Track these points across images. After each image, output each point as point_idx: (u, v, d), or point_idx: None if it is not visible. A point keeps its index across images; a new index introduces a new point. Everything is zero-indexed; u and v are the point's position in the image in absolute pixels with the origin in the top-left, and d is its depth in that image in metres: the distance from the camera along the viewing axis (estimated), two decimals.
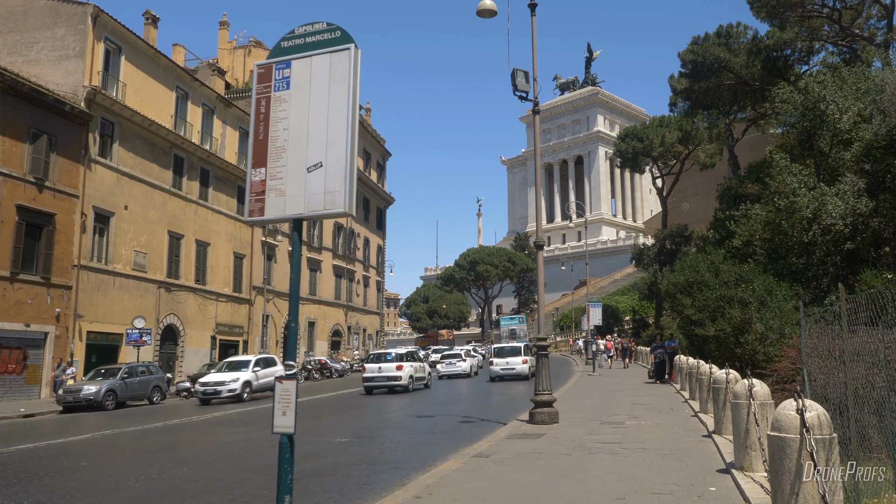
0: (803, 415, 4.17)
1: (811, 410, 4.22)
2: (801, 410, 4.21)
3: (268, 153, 3.76)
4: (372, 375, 24.43)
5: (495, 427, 12.08)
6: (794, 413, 4.25)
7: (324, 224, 50.57)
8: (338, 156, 3.57)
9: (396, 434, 12.11)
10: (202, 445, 12.16)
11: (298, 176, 3.66)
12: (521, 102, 11.76)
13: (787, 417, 4.30)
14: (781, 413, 4.37)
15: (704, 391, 11.89)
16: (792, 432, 4.22)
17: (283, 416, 3.45)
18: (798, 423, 4.19)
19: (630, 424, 11.30)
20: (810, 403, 4.27)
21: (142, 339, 27.56)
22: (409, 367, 24.83)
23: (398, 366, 24.38)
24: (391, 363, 24.63)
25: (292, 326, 3.71)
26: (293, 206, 3.65)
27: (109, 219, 30.05)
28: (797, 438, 4.17)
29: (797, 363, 10.60)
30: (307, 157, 3.65)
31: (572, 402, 15.88)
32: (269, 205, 3.71)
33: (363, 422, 14.42)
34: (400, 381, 24.07)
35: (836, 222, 18.95)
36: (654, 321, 48.47)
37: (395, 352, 26.23)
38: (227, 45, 52.58)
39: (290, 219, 3.68)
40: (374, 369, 24.52)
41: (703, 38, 36.64)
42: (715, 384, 9.38)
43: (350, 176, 3.55)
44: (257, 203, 3.74)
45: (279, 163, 3.72)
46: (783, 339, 17.92)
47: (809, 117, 21.84)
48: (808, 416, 4.17)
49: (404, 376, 24.26)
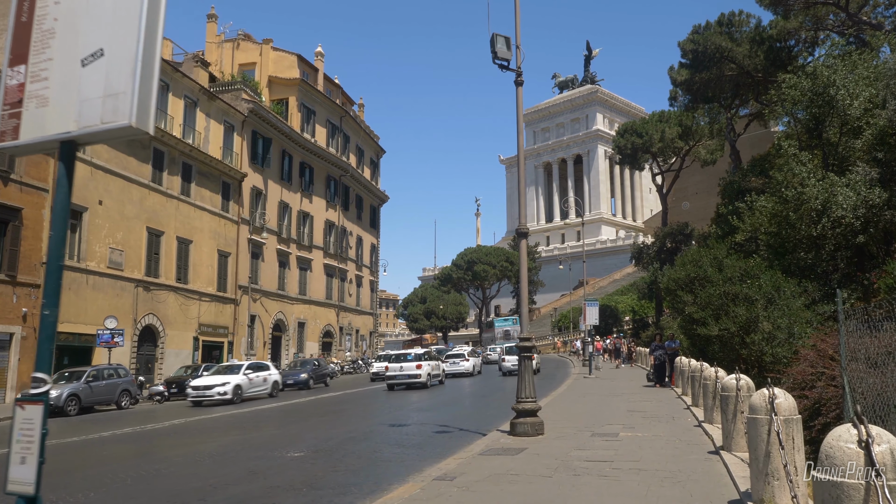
0: (870, 449, 2.77)
1: (881, 443, 2.81)
2: (865, 442, 2.80)
3: (31, 42, 2.39)
4: (395, 374, 26.80)
5: (473, 439, 10.68)
6: (855, 447, 2.84)
7: (314, 222, 49.20)
8: (127, 38, 2.17)
9: (360, 447, 10.70)
10: (159, 459, 10.74)
11: (69, 73, 2.27)
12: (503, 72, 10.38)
13: (845, 452, 2.89)
14: (835, 445, 2.97)
15: (710, 398, 10.48)
16: (853, 475, 2.81)
17: (21, 464, 2.07)
18: (861, 461, 2.79)
19: (625, 437, 9.89)
20: (879, 433, 2.86)
21: (113, 340, 26.15)
22: (426, 366, 27.17)
23: (418, 365, 26.93)
24: (412, 363, 27.17)
25: (45, 315, 2.30)
26: (58, 122, 2.25)
27: (82, 214, 28.63)
28: (861, 486, 2.76)
29: (816, 366, 9.19)
30: (83, 44, 2.27)
31: (563, 409, 14.48)
32: (27, 121, 2.33)
33: (331, 431, 13.00)
34: (419, 379, 26.53)
35: (847, 214, 17.61)
36: (654, 321, 47.07)
37: (413, 352, 29.07)
38: (214, 38, 51.17)
39: (54, 141, 2.29)
40: (396, 368, 26.98)
41: (704, 27, 35.23)
42: (723, 392, 7.97)
43: (146, 70, 2.16)
44: (11, 121, 2.35)
45: (44, 55, 2.34)
46: (791, 340, 16.57)
47: (818, 104, 20.52)
48: (879, 452, 2.77)
49: (423, 374, 26.68)
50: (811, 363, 9.44)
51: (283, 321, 44.87)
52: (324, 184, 50.97)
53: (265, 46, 49.95)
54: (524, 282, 10.77)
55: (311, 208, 49.05)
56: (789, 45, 33.73)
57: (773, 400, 5.41)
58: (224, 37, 51.14)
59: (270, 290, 43.34)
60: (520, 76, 11.02)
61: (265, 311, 42.73)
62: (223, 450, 10.92)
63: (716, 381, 10.12)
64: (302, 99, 48.73)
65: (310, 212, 48.77)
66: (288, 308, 45.54)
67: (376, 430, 12.82)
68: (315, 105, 50.31)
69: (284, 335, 45.20)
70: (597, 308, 28.17)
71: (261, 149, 43.07)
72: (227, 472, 8.75)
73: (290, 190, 46.33)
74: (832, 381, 8.74)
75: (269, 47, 49.94)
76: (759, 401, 5.52)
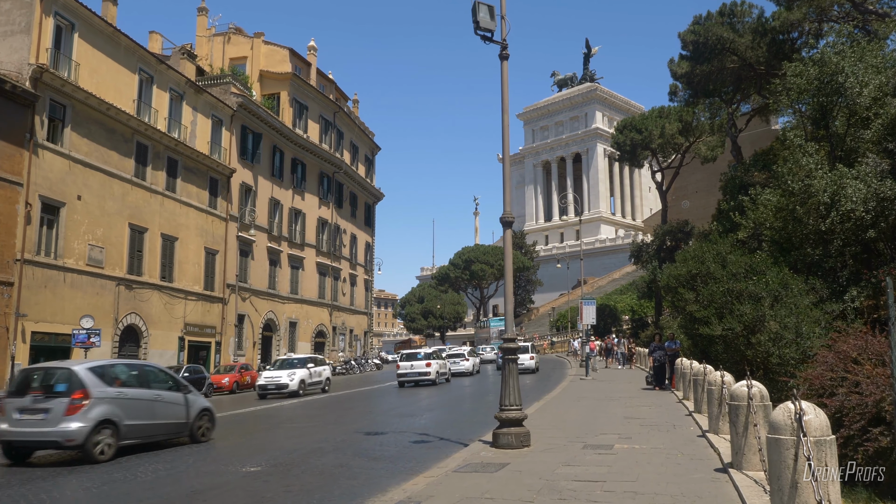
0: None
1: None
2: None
3: None
4: (406, 372, 28.41)
5: (452, 450, 9.62)
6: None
7: (306, 219, 48.14)
8: None
9: (325, 459, 9.64)
10: None
11: None
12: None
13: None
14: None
15: (715, 406, 9.42)
16: None
17: None
18: None
19: (620, 449, 8.83)
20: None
21: (89, 341, 25.07)
22: (435, 364, 28.72)
23: (427, 363, 28.50)
24: (421, 361, 28.74)
25: None
26: None
27: (59, 209, 27.55)
28: None
29: (836, 370, 8.13)
30: None
31: (555, 415, 13.42)
32: None
33: (299, 441, 11.90)
34: (429, 376, 28.14)
35: (857, 208, 16.60)
36: (654, 320, 46.03)
37: (423, 351, 30.73)
38: (205, 31, 50.08)
39: None
40: (407, 366, 28.61)
41: (706, 18, 34.16)
42: (733, 401, 6.89)
43: None
44: None
45: None
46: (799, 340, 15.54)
47: (825, 92, 19.53)
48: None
49: (432, 372, 28.23)
50: (830, 366, 8.39)
51: (273, 321, 43.80)
52: (316, 180, 49.90)
53: (256, 40, 48.87)
54: (509, 277, 9.70)
55: (304, 205, 47.97)
56: (792, 38, 32.82)
57: (800, 416, 4.34)
58: (215, 30, 50.07)
59: (260, 289, 42.27)
60: (505, 49, 9.96)
61: (255, 311, 41.65)
62: (172, 465, 9.86)
63: (722, 386, 9.07)
64: (294, 94, 47.65)
65: (302, 209, 47.69)
66: (279, 307, 44.46)
67: (350, 439, 11.74)
68: (307, 100, 49.23)
69: (275, 335, 44.13)
70: (594, 307, 27.13)
71: (250, 144, 41.99)
72: (167, 493, 7.69)
73: (282, 186, 45.26)
74: (856, 388, 7.69)
75: (261, 41, 48.86)
76: (782, 417, 4.45)
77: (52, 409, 10.28)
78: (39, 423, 10.30)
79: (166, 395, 11.92)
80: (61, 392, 10.44)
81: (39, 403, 10.42)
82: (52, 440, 10.32)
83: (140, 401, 11.34)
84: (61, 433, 10.13)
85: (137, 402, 11.26)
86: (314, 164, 49.31)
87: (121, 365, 12.46)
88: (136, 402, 11.22)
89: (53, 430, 10.14)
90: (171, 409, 11.88)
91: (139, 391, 11.52)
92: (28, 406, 10.43)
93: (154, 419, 11.49)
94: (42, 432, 10.29)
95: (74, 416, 10.16)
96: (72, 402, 10.22)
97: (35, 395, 10.58)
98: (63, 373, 10.78)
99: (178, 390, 12.26)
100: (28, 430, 10.39)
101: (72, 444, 10.17)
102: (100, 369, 11.11)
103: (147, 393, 11.61)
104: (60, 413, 10.20)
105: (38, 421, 10.31)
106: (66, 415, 10.17)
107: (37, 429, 10.33)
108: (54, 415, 10.22)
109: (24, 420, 10.39)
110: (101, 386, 10.70)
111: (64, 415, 10.18)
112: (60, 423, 10.15)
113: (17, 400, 10.58)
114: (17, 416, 10.39)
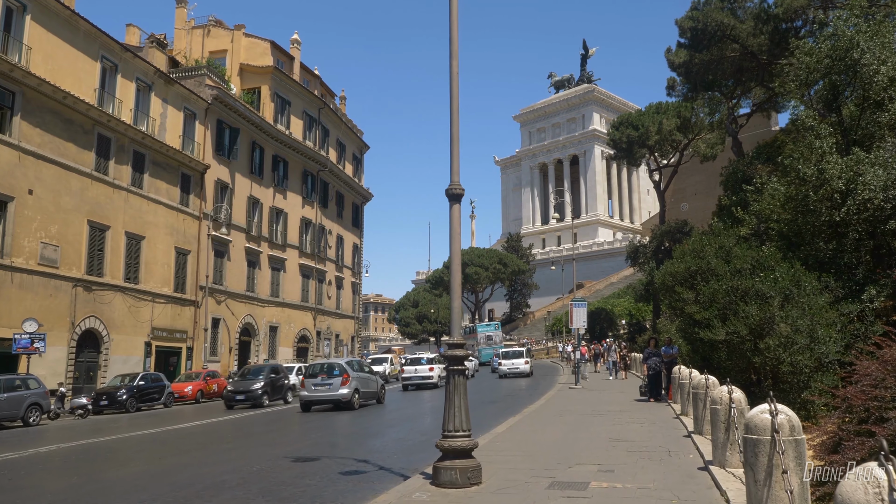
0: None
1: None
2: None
3: None
4: (410, 375, 30.15)
5: (386, 484, 7.52)
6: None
7: (289, 219, 46.04)
8: None
9: (221, 498, 7.52)
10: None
11: None
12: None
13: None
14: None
15: (720, 431, 7.29)
16: None
17: None
18: None
19: (596, 490, 6.71)
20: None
21: (33, 346, 22.94)
22: (437, 368, 29.73)
23: (430, 367, 29.95)
24: (424, 366, 30.25)
25: None
26: None
27: (7, 204, 25.45)
28: None
29: (889, 387, 6.02)
30: None
31: (525, 435, 11.28)
32: None
33: (203, 470, 9.72)
34: (431, 380, 29.59)
35: (877, 196, 14.54)
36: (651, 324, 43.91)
37: (426, 356, 32.10)
38: (184, 24, 48.14)
39: None
40: (411, 370, 30.30)
41: (704, 3, 32.14)
42: (750, 433, 4.74)
43: None
44: None
45: None
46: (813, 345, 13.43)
47: (839, 69, 17.49)
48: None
49: (434, 376, 29.53)
50: (875, 380, 6.29)
51: (252, 325, 41.63)
52: (300, 179, 47.81)
53: (237, 33, 46.87)
54: (456, 263, 7.58)
55: (286, 204, 45.86)
56: (796, 27, 30.98)
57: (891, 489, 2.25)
58: (194, 23, 48.08)
59: (237, 292, 40.13)
60: None
61: (231, 314, 39.49)
62: None
63: (730, 406, 6.96)
64: (276, 88, 45.61)
65: (284, 208, 45.59)
66: (258, 311, 42.30)
67: (270, 467, 9.56)
68: (290, 95, 47.18)
69: (254, 340, 41.96)
70: (585, 309, 25.01)
71: (227, 139, 39.93)
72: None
73: (262, 185, 43.17)
74: None
75: (241, 34, 46.86)
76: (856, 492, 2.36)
77: (332, 384, 20.04)
78: (326, 389, 20.09)
79: (370, 376, 22.20)
80: (336, 374, 20.22)
81: (326, 381, 20.19)
82: (336, 399, 19.93)
83: (363, 379, 21.35)
84: (340, 395, 19.88)
85: (363, 380, 21.32)
86: (297, 161, 47.24)
87: (355, 361, 23.22)
88: (363, 379, 21.30)
89: (335, 394, 19.90)
90: (372, 383, 22.13)
91: (362, 374, 21.53)
92: (318, 382, 20.30)
93: (368, 389, 21.54)
94: (328, 395, 20.07)
95: (345, 387, 19.90)
96: (343, 380, 20.00)
97: (322, 377, 20.37)
98: (337, 365, 20.85)
99: (372, 374, 22.91)
100: (319, 395, 20.21)
101: (344, 401, 19.74)
102: (350, 362, 21.68)
103: (364, 375, 21.83)
104: (338, 385, 19.96)
105: (326, 388, 20.11)
106: (342, 386, 19.91)
107: (325, 394, 20.11)
108: (334, 386, 19.97)
109: (317, 389, 20.23)
110: (353, 371, 20.76)
111: (340, 386, 19.93)
112: (339, 389, 19.90)
113: (312, 379, 20.55)
114: (313, 387, 20.31)
